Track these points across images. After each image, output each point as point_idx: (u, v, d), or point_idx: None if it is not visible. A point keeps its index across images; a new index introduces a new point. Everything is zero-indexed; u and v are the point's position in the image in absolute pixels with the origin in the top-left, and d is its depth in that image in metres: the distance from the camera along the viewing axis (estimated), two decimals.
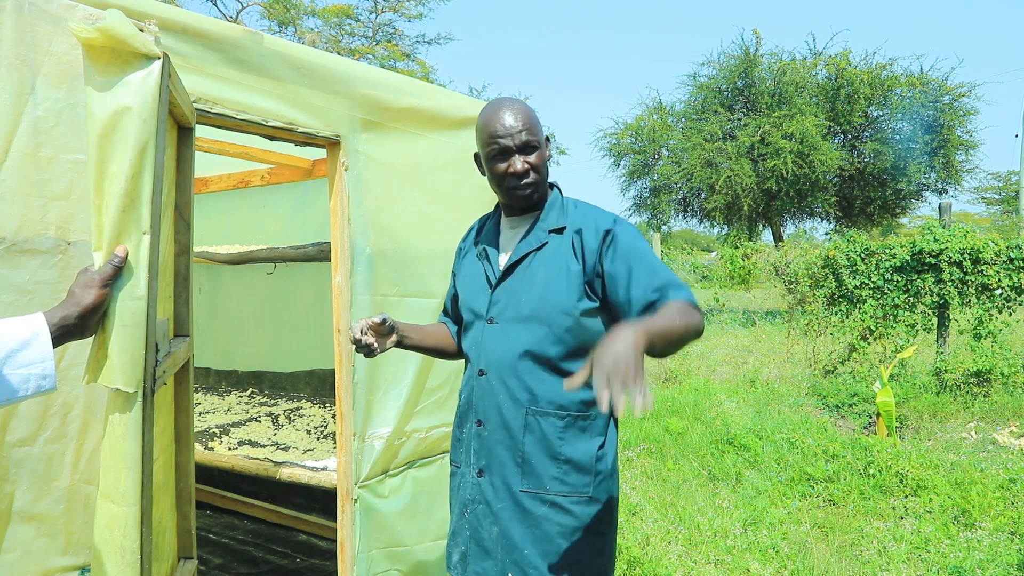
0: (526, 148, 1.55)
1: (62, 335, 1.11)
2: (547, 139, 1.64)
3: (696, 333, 1.39)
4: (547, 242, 1.57)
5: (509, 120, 1.54)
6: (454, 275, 1.82)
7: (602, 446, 1.54)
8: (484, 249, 1.68)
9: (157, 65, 1.22)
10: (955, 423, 5.28)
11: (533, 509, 1.51)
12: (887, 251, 6.33)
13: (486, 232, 1.72)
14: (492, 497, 1.56)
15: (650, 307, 1.44)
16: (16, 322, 1.07)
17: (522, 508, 1.52)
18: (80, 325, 1.14)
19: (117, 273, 1.19)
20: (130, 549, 1.22)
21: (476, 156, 1.67)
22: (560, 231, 1.57)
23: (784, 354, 7.31)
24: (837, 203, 16.33)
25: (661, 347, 1.29)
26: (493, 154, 1.56)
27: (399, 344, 1.66)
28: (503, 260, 1.64)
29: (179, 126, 1.64)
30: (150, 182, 1.22)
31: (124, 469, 1.21)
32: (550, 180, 1.68)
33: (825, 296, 6.68)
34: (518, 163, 1.54)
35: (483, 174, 1.66)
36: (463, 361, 1.74)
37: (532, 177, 1.56)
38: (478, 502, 1.58)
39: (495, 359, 1.57)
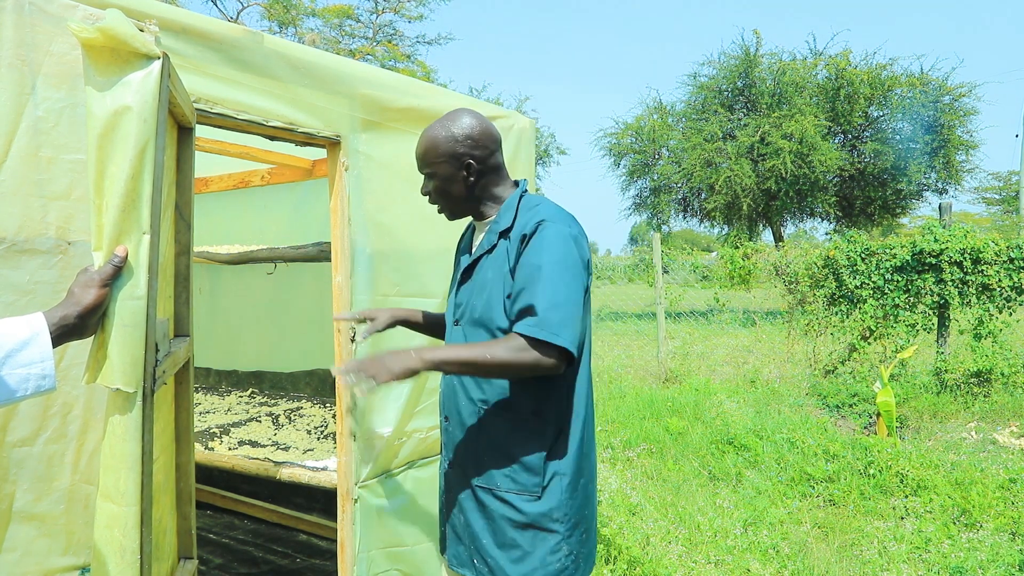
0: (425, 175, 1.67)
1: (62, 335, 1.11)
2: (468, 164, 1.62)
3: (519, 369, 1.46)
4: (496, 245, 1.61)
5: (417, 147, 1.67)
6: (455, 267, 1.89)
7: (552, 447, 1.57)
8: (461, 247, 1.80)
9: (157, 65, 1.22)
10: (955, 423, 5.28)
11: (488, 503, 1.59)
12: (887, 251, 6.32)
13: (468, 233, 1.81)
14: (457, 488, 1.66)
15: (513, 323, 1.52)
16: (16, 322, 1.07)
17: (479, 501, 1.60)
18: (80, 325, 1.14)
19: (117, 273, 1.19)
20: (130, 549, 1.22)
21: None
22: (507, 233, 1.60)
23: (784, 354, 7.31)
24: (837, 203, 16.33)
25: (462, 373, 1.53)
26: None
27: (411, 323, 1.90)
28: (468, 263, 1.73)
29: (179, 126, 1.64)
30: (150, 182, 1.22)
31: (124, 469, 1.21)
32: (516, 178, 1.76)
33: (825, 296, 6.67)
34: (422, 186, 1.69)
35: None
36: None
37: (432, 198, 1.68)
38: (449, 491, 1.70)
39: None
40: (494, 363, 1.44)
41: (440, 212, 1.71)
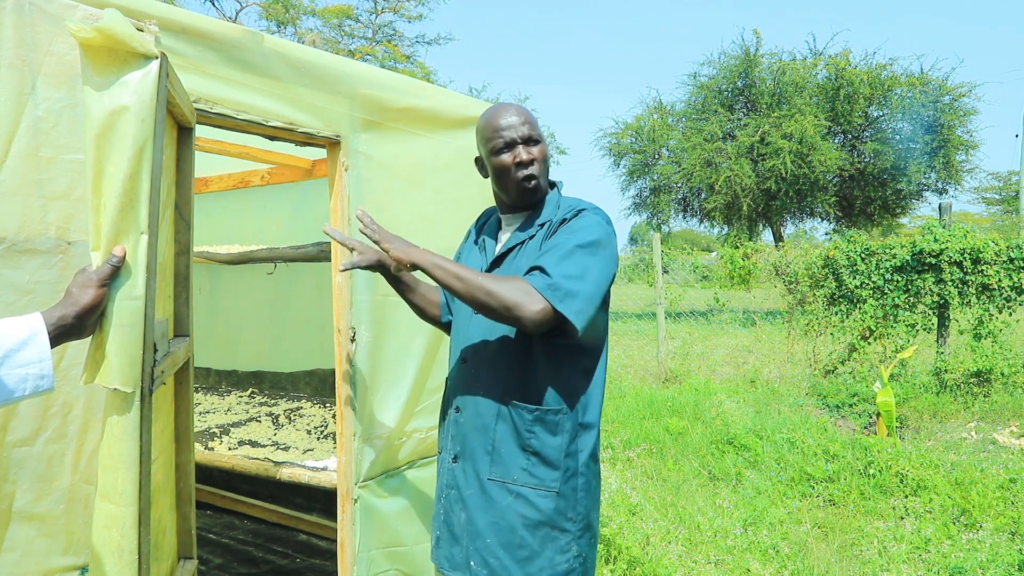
0: (529, 141, 1.61)
1: (60, 335, 1.11)
2: (546, 143, 1.71)
3: (501, 306, 1.42)
4: (534, 235, 1.61)
5: (512, 116, 1.61)
6: (458, 256, 1.87)
7: (571, 443, 1.56)
8: (483, 240, 1.74)
9: (155, 65, 1.22)
10: (955, 423, 5.28)
11: (499, 498, 1.54)
12: (887, 251, 6.32)
13: (490, 224, 1.77)
14: (463, 483, 1.60)
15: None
16: (14, 322, 1.06)
17: (488, 496, 1.56)
18: (78, 325, 1.14)
19: (115, 273, 1.19)
20: (128, 549, 1.22)
21: (477, 160, 1.72)
22: (545, 225, 1.62)
23: (784, 354, 7.31)
24: (837, 203, 16.33)
25: (447, 284, 1.47)
26: (498, 148, 1.61)
27: (390, 273, 1.79)
28: (498, 251, 1.69)
29: (179, 126, 1.64)
30: (148, 182, 1.22)
31: (122, 469, 1.21)
32: (552, 179, 1.73)
33: (825, 296, 6.67)
34: (523, 153, 1.59)
35: (484, 175, 1.71)
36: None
37: (536, 168, 1.61)
38: (451, 487, 1.64)
39: (475, 348, 1.63)
40: (479, 287, 1.42)
41: (533, 181, 1.61)
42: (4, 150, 1.34)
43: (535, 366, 1.55)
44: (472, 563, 1.56)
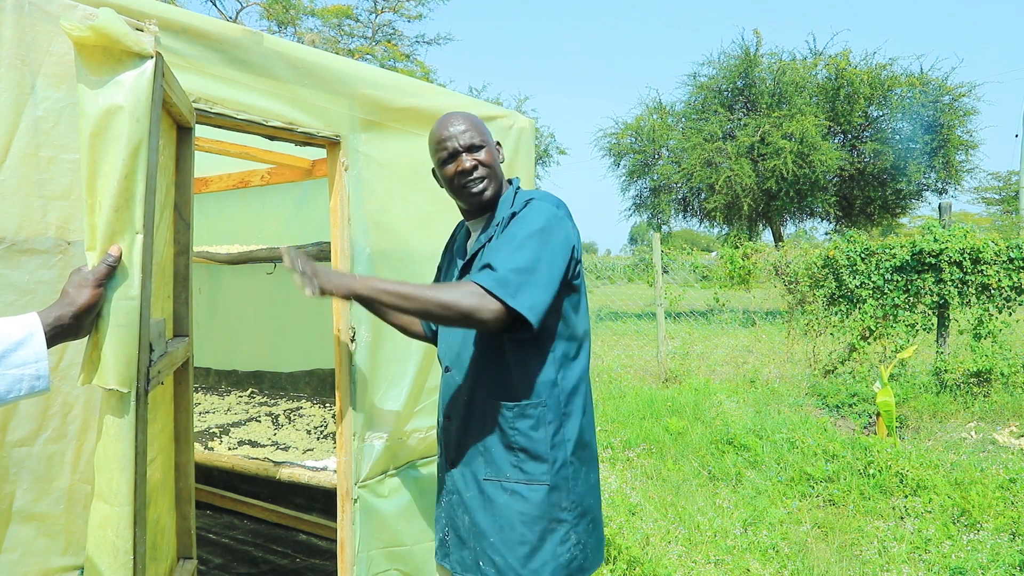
0: (472, 148, 1.63)
1: (56, 335, 1.11)
2: (497, 144, 1.72)
3: (454, 313, 1.41)
4: (493, 235, 1.62)
5: (453, 125, 1.63)
6: (439, 270, 1.91)
7: (556, 434, 1.57)
8: (455, 249, 1.79)
9: (150, 64, 1.22)
10: (955, 423, 5.28)
11: (495, 497, 1.57)
12: (887, 251, 6.32)
13: (462, 234, 1.81)
14: (463, 487, 1.64)
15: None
16: (10, 322, 1.06)
17: (487, 496, 1.58)
18: (75, 325, 1.14)
19: (111, 272, 1.18)
20: (123, 549, 1.22)
21: (433, 171, 1.75)
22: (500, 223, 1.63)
23: (784, 354, 7.30)
24: (837, 203, 16.33)
25: (396, 306, 1.42)
26: (443, 159, 1.64)
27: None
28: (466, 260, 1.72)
29: (178, 126, 1.64)
30: (143, 181, 1.21)
31: (117, 469, 1.21)
32: (508, 177, 1.75)
33: (825, 296, 6.67)
34: (466, 161, 1.62)
35: (441, 185, 1.74)
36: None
37: (481, 171, 1.63)
38: (452, 492, 1.67)
39: (455, 355, 1.67)
40: (430, 301, 1.40)
41: (479, 185, 1.63)
42: (4, 150, 1.34)
43: (508, 363, 1.57)
44: (481, 563, 1.59)
